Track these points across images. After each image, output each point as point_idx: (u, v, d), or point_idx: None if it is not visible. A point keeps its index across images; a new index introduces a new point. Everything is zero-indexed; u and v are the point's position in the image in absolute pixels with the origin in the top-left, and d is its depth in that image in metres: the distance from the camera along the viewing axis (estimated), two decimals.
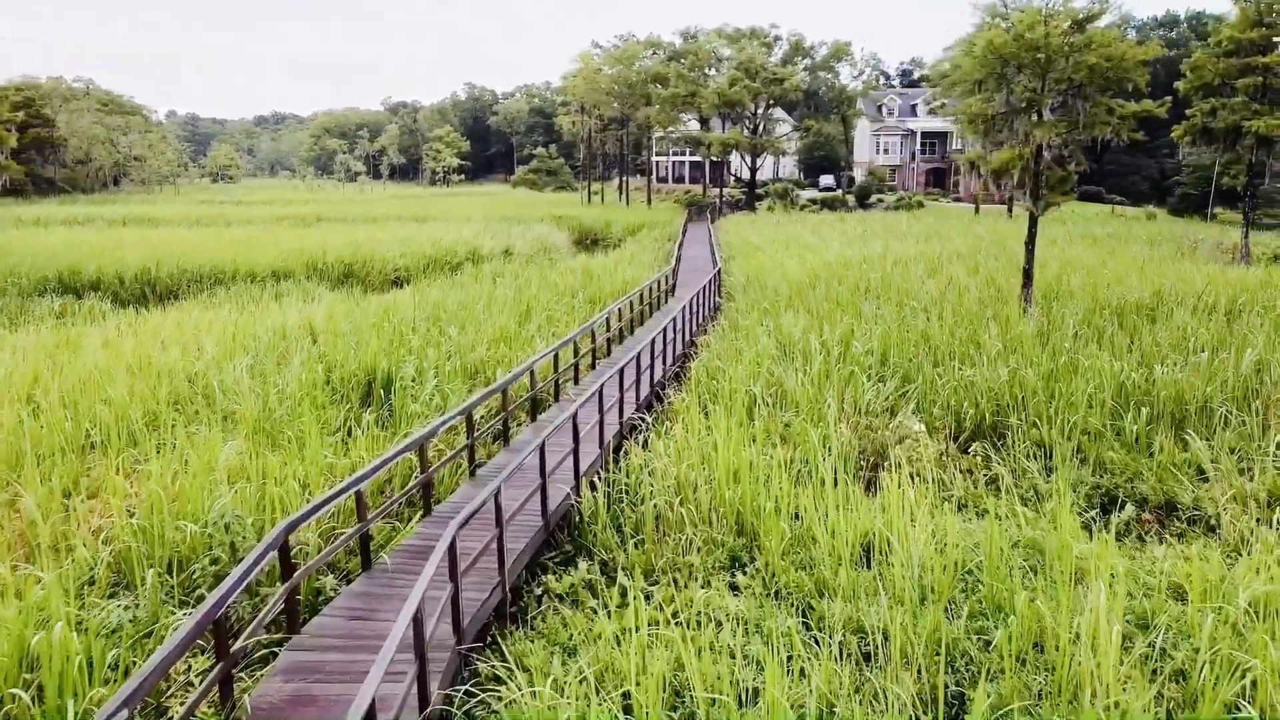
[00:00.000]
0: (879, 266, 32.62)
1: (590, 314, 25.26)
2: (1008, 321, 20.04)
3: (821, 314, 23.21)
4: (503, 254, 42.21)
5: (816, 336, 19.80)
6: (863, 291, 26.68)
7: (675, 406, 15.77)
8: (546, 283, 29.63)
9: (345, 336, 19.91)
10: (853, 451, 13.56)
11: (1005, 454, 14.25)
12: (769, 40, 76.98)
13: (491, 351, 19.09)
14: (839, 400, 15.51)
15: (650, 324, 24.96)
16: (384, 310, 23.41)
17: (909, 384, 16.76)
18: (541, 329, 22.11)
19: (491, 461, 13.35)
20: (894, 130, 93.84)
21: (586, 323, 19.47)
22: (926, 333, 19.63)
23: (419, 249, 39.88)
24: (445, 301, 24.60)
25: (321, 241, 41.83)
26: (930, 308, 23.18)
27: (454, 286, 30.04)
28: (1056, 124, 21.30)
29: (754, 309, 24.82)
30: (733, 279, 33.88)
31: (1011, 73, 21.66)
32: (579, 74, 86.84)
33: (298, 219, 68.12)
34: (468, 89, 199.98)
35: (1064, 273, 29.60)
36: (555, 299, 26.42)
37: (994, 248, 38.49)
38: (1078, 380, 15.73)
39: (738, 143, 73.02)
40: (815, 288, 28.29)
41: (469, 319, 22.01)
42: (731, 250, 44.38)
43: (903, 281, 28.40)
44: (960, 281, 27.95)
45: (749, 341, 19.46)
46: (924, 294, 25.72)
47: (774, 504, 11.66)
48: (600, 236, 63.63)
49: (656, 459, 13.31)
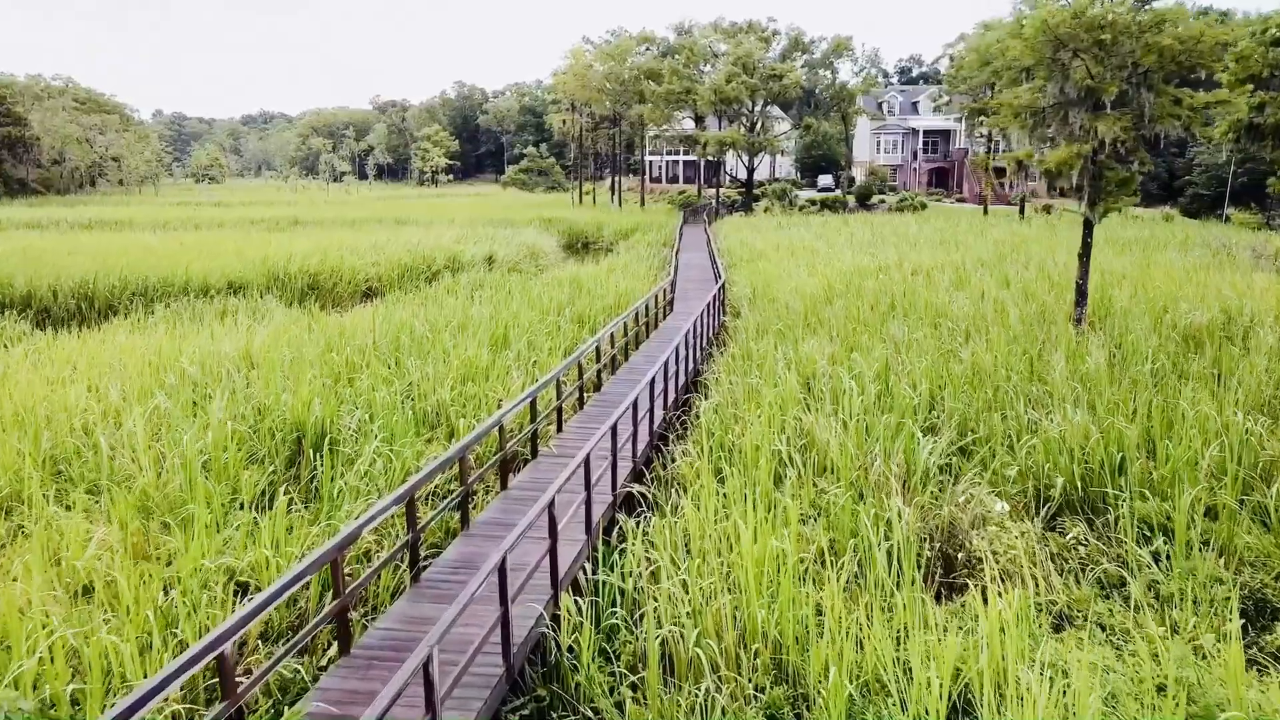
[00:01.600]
0: (898, 277, 29.52)
1: (578, 336, 22.08)
2: (1075, 353, 16.91)
3: (844, 337, 20.08)
4: (485, 262, 38.97)
5: (845, 369, 16.66)
6: (887, 308, 23.56)
7: (683, 470, 12.60)
8: (529, 297, 26.43)
9: (289, 369, 16.72)
10: (914, 537, 10.42)
11: (1106, 536, 11.13)
12: (767, 35, 73.86)
13: (458, 391, 15.89)
14: (886, 460, 12.37)
15: (648, 348, 21.80)
16: (340, 334, 20.21)
17: (968, 436, 13.63)
18: (521, 357, 18.92)
19: (439, 563, 10.14)
20: (895, 129, 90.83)
21: (572, 354, 16.28)
22: (976, 364, 16.50)
23: (394, 257, 36.63)
24: (412, 323, 21.38)
25: (289, 249, 38.51)
26: (971, 330, 20.06)
27: (427, 302, 26.82)
28: (1121, 116, 18.20)
29: (767, 331, 21.67)
30: (737, 290, 30.73)
31: (1067, 58, 18.56)
32: (570, 70, 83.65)
33: (273, 222, 64.76)
34: (457, 87, 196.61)
35: (1104, 285, 26.49)
36: (539, 318, 23.24)
37: (1017, 255, 35.41)
38: (1183, 433, 12.61)
39: (735, 141, 69.90)
40: (832, 303, 25.16)
41: (435, 347, 18.81)
42: (732, 257, 41.23)
43: (928, 295, 25.29)
44: (993, 296, 24.84)
45: (766, 377, 16.30)
46: (957, 312, 22.61)
47: (823, 629, 8.54)
48: (591, 240, 60.46)
49: (660, 550, 10.16)
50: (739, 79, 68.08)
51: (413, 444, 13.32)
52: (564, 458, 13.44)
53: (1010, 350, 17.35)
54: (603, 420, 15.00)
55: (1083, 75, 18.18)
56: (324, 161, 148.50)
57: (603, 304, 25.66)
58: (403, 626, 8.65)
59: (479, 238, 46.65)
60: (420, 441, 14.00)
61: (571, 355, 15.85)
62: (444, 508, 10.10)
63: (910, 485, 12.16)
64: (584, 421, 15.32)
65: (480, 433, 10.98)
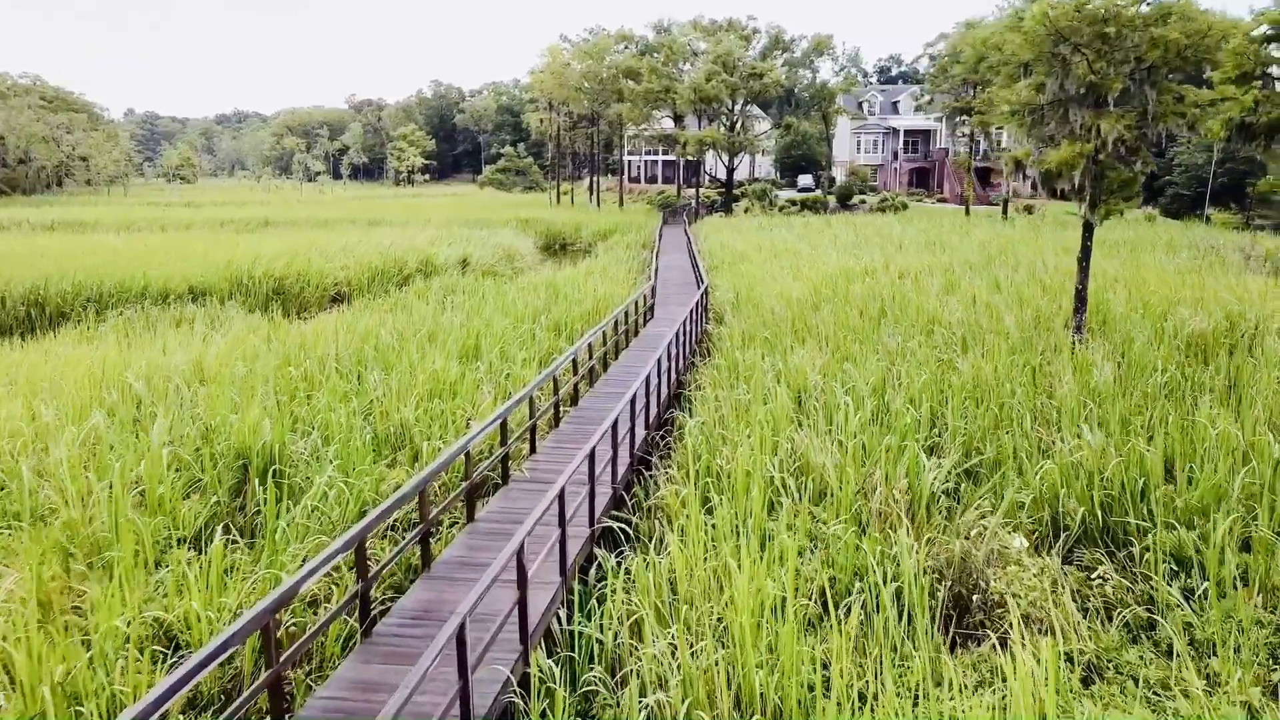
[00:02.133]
0: (886, 280, 28.60)
1: (554, 345, 20.97)
2: (1083, 365, 15.97)
3: (835, 346, 19.09)
4: (459, 264, 37.76)
5: (839, 382, 15.67)
6: (877, 314, 22.61)
7: (668, 499, 11.53)
8: (503, 303, 25.29)
9: (242, 384, 15.53)
10: (923, 574, 9.41)
11: (1131, 571, 10.18)
12: (747, 34, 72.95)
13: (424, 409, 14.75)
14: (888, 486, 11.36)
15: (627, 358, 20.73)
16: (300, 344, 19.00)
17: (974, 457, 12.66)
18: (493, 369, 17.79)
19: (397, 610, 9.01)
20: (875, 128, 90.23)
21: (547, 368, 15.18)
22: (977, 377, 15.54)
23: (365, 259, 35.35)
24: (378, 332, 20.20)
25: (255, 251, 37.14)
26: (967, 339, 19.13)
27: (395, 308, 25.63)
28: (1124, 114, 17.31)
29: (753, 339, 20.66)
30: (719, 295, 29.73)
31: (1068, 52, 17.65)
32: (547, 69, 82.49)
33: (242, 223, 63.20)
34: (434, 86, 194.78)
35: (1099, 288, 25.66)
36: (512, 326, 22.11)
37: (1005, 257, 34.62)
38: (1207, 455, 11.68)
39: (715, 141, 68.94)
40: (819, 308, 24.19)
41: (401, 359, 17.65)
42: (714, 259, 40.24)
43: (919, 300, 24.38)
44: (986, 301, 23.95)
45: (755, 392, 15.26)
46: (950, 318, 21.70)
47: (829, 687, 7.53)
48: (569, 242, 59.35)
49: (644, 596, 9.11)
50: (719, 77, 67.14)
51: (372, 469, 12.18)
52: (537, 483, 12.36)
53: (1011, 361, 16.41)
54: (579, 440, 13.93)
55: (1084, 71, 17.27)
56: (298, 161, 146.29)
57: (580, 310, 24.57)
58: (350, 695, 7.53)
59: (453, 239, 45.41)
60: (381, 465, 12.87)
61: (546, 369, 14.75)
62: (400, 550, 8.98)
63: (915, 513, 11.17)
64: (560, 441, 14.24)
65: (442, 463, 9.87)
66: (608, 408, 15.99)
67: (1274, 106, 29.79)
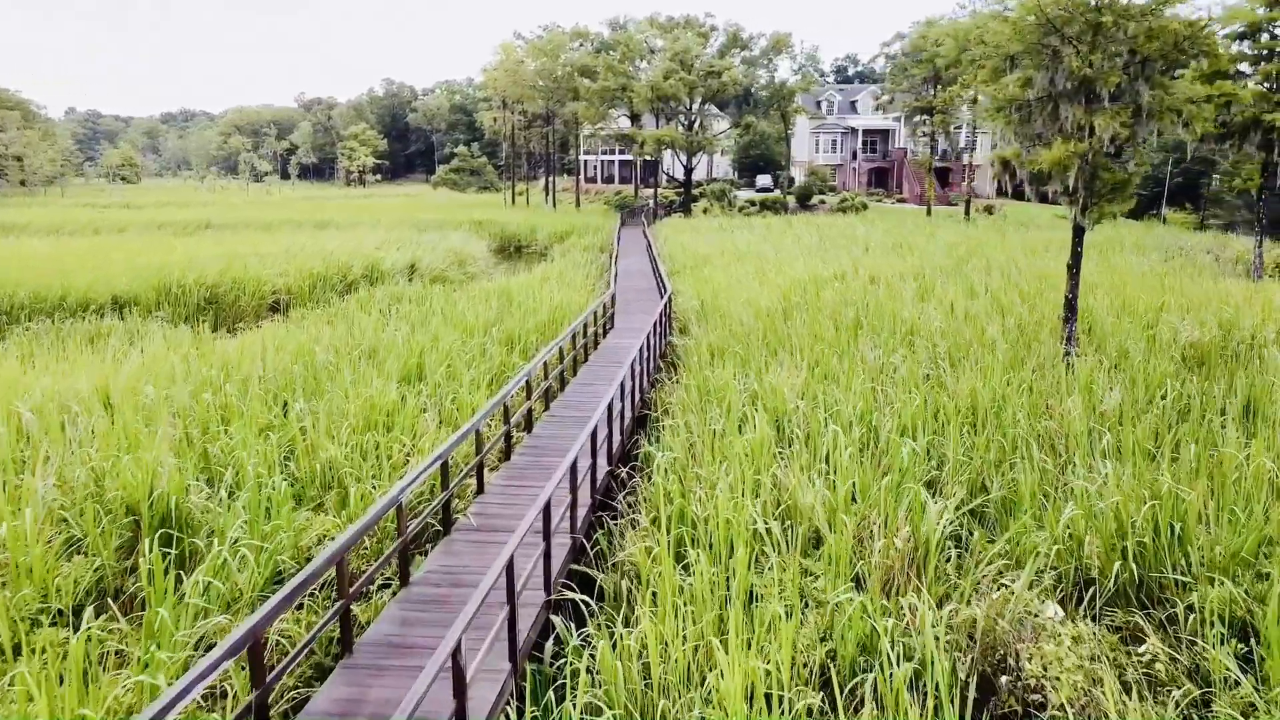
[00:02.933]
0: (856, 286, 27.32)
1: (506, 362, 19.27)
2: (1086, 383, 14.66)
3: (811, 360, 17.65)
4: (407, 270, 35.83)
5: (820, 404, 14.21)
6: (852, 323, 21.24)
7: (638, 561, 9.93)
8: (452, 314, 23.52)
9: (151, 413, 13.67)
10: (944, 653, 7.93)
11: (1175, 636, 8.82)
12: (705, 31, 71.58)
13: (357, 442, 13.00)
14: (888, 534, 9.91)
15: (587, 374, 19.10)
16: (223, 364, 17.11)
17: (979, 497, 11.26)
18: (438, 391, 16.07)
19: (309, 712, 7.32)
20: (834, 128, 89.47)
21: (497, 394, 13.50)
22: (974, 399, 14.17)
23: (307, 265, 33.28)
24: (312, 349, 18.36)
25: (189, 256, 34.92)
26: (953, 352, 17.80)
27: (335, 320, 23.76)
28: (1119, 111, 16.07)
29: (722, 353, 19.16)
30: (683, 301, 28.23)
31: (1058, 43, 16.38)
32: (500, 66, 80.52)
33: (181, 226, 60.45)
34: (385, 85, 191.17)
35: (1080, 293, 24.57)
36: (461, 340, 20.38)
37: (975, 260, 33.54)
38: (1245, 492, 10.38)
39: (673, 140, 67.48)
40: (790, 317, 22.79)
41: (336, 381, 15.86)
42: (675, 262, 38.75)
43: (893, 307, 23.09)
44: (964, 308, 22.72)
45: (728, 417, 13.74)
46: (929, 327, 20.40)
47: None
48: (524, 244, 57.55)
49: (612, 685, 7.54)
50: (677, 75, 65.69)
51: (290, 520, 10.44)
52: (486, 531, 10.72)
53: (1006, 380, 15.07)
54: (533, 476, 12.34)
55: (1077, 64, 16.00)
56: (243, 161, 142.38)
57: (535, 321, 22.89)
58: None
59: (402, 243, 43.40)
60: (305, 512, 11.13)
61: (496, 395, 13.08)
62: (311, 638, 7.29)
63: (920, 565, 9.72)
64: (511, 478, 12.59)
65: (362, 528, 8.19)
66: (565, 435, 14.39)
67: (1247, 106, 28.99)
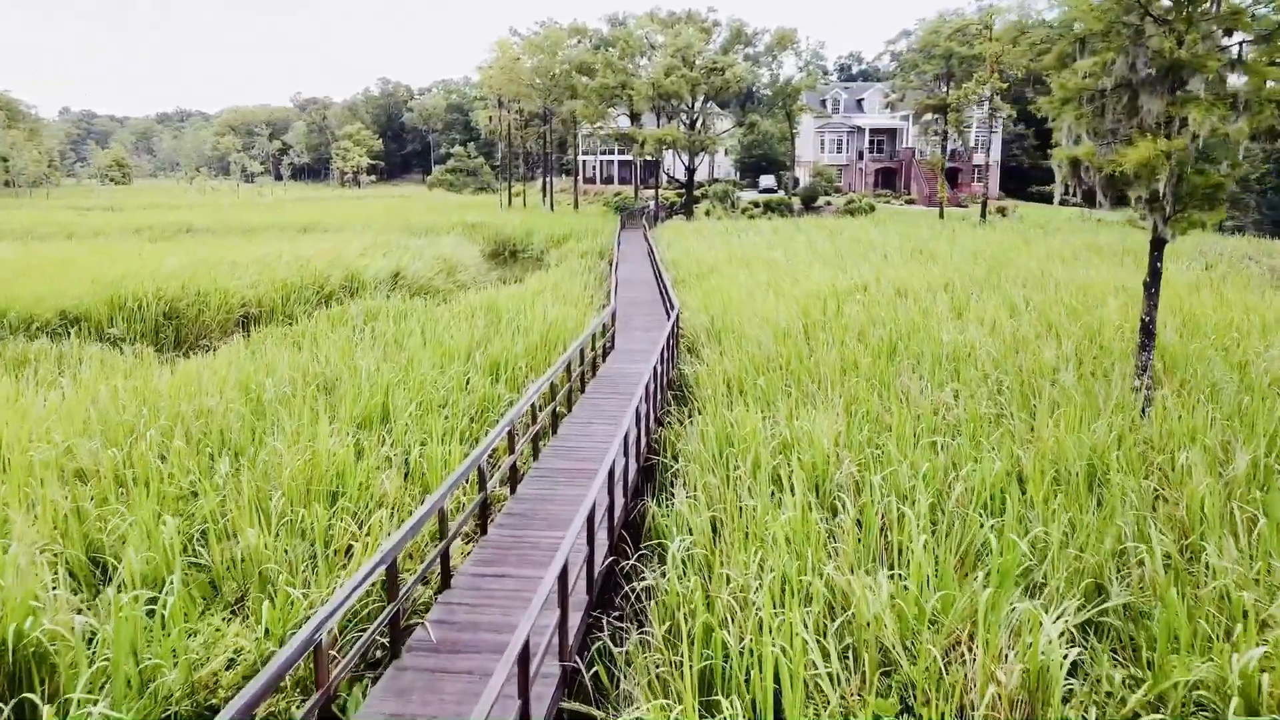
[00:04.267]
0: (881, 299, 24.73)
1: (489, 395, 16.59)
2: (1193, 434, 12.01)
3: (848, 397, 15.04)
4: (391, 279, 33.20)
5: (870, 458, 11.60)
6: (885, 348, 18.63)
7: (642, 691, 7.31)
8: (433, 333, 20.90)
9: (37, 475, 11.06)
10: None
11: None
12: (707, 26, 68.92)
13: (292, 518, 10.36)
14: (987, 662, 7.31)
15: (583, 410, 16.47)
16: (147, 403, 14.46)
17: (1097, 602, 8.65)
18: (403, 441, 13.42)
19: None
20: (840, 127, 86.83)
21: (476, 450, 10.86)
22: (1059, 454, 11.54)
23: (281, 275, 30.65)
24: (262, 383, 15.73)
25: (157, 264, 32.28)
26: (1018, 388, 15.19)
27: (304, 340, 21.15)
28: (1215, 103, 13.49)
29: (740, 383, 16.55)
30: (690, 316, 25.63)
31: (1141, 22, 13.78)
32: (495, 64, 77.88)
33: (161, 229, 57.84)
34: (381, 84, 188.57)
35: (1135, 312, 22.00)
36: (439, 365, 17.77)
37: (1006, 269, 30.89)
38: None
39: (674, 140, 64.83)
40: (813, 337, 20.21)
41: (283, 423, 13.22)
42: (679, 270, 36.15)
43: (927, 325, 20.51)
44: (1009, 329, 20.12)
45: (756, 481, 11.12)
46: (975, 351, 17.82)
47: None
48: (520, 249, 54.93)
49: None
50: (678, 72, 63.05)
51: (183, 645, 7.82)
52: (445, 654, 8.11)
53: (1091, 427, 12.44)
54: (514, 563, 9.72)
55: (1169, 46, 13.40)
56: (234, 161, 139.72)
57: (526, 343, 20.25)
58: None
59: (389, 248, 40.78)
60: (215, 622, 8.51)
61: (473, 454, 10.43)
62: None
63: (1038, 711, 7.12)
64: (486, 564, 9.96)
65: (275, 675, 5.59)
66: (556, 500, 11.77)
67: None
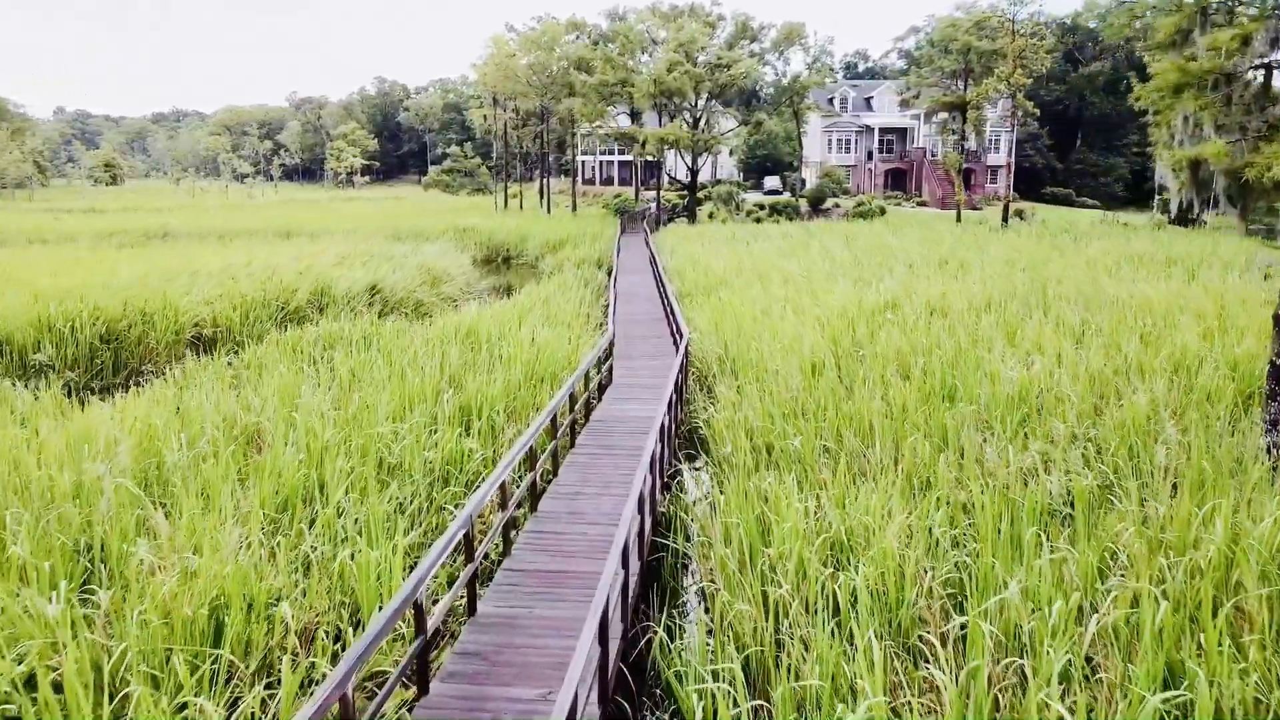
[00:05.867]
0: (916, 320, 21.63)
1: (455, 452, 13.40)
2: None
3: (908, 466, 11.91)
4: (368, 292, 30.05)
5: (963, 586, 8.48)
6: (939, 388, 15.50)
7: None
8: (397, 367, 17.73)
9: None
10: None
11: None
12: (711, 20, 65.76)
13: (154, 681, 7.21)
14: None
15: (571, 471, 13.30)
16: (17, 466, 11.32)
17: None
18: (329, 529, 10.25)
19: None
20: (848, 126, 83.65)
21: (437, 546, 7.65)
22: (1218, 565, 8.40)
23: (244, 289, 27.45)
24: (173, 433, 12.57)
25: (112, 275, 29.14)
26: (1108, 448, 12.06)
27: (249, 372, 18.01)
28: None
29: (767, 437, 13.42)
30: (699, 339, 22.52)
31: None
32: (490, 60, 74.75)
33: (137, 234, 54.77)
34: (377, 83, 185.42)
35: (1221, 337, 18.86)
36: (399, 410, 14.63)
37: (1047, 281, 27.69)
38: None
39: (677, 139, 61.66)
40: (847, 371, 17.09)
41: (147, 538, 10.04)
42: (684, 281, 33.00)
43: (977, 356, 17.39)
44: (1079, 363, 16.99)
45: (807, 622, 7.99)
46: (1049, 394, 14.70)
47: None
48: (513, 255, 51.83)
49: None
50: (681, 68, 59.88)
51: None
52: None
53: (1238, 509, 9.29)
54: None
55: None
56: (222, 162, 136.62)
57: (507, 379, 17.08)
58: None
59: (370, 256, 37.64)
60: None
61: (412, 577, 7.28)
62: None
63: None
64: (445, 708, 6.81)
65: None
66: (527, 623, 8.62)
67: None
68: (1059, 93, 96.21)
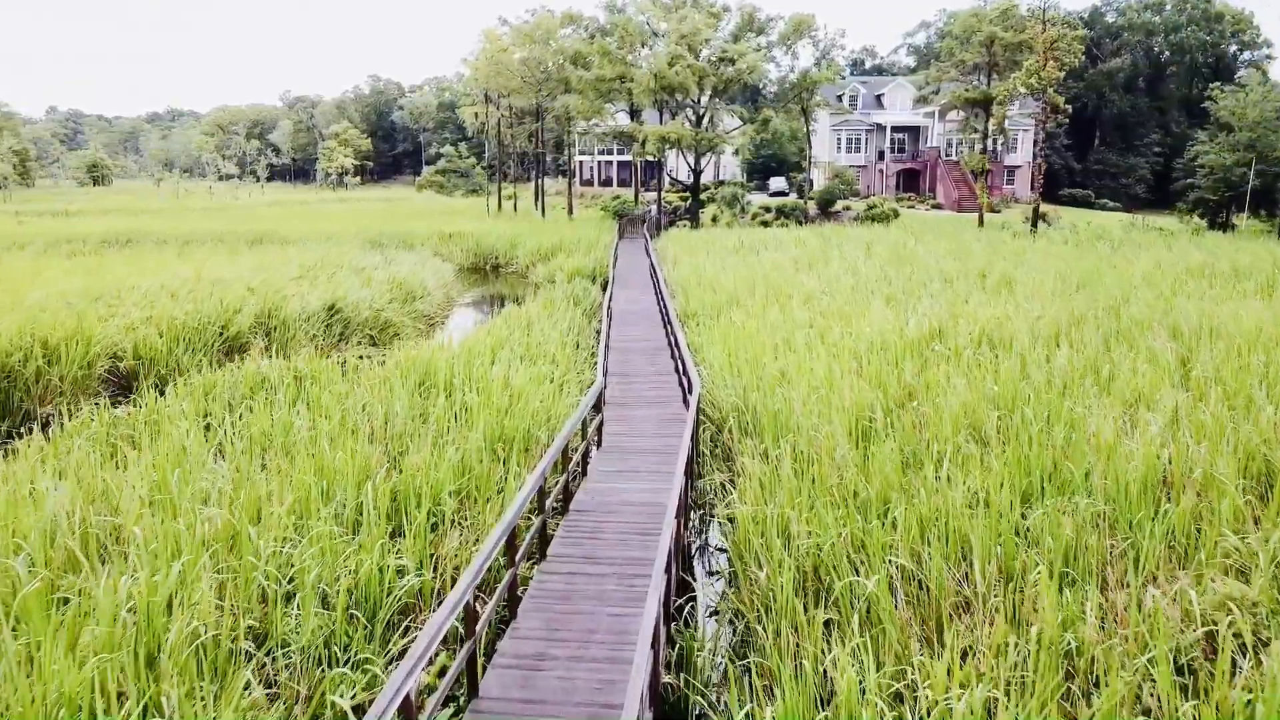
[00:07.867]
0: (968, 353, 17.81)
1: (370, 584, 9.58)
2: None
3: (1026, 609, 8.11)
4: (326, 313, 26.15)
5: None
6: (1040, 467, 11.65)
7: None
8: (329, 425, 13.85)
9: None
10: None
11: None
12: (715, 10, 61.86)
13: None
14: None
15: (535, 605, 9.44)
16: None
17: None
18: None
19: None
20: (858, 125, 79.77)
21: None
22: None
23: (175, 310, 23.52)
24: None
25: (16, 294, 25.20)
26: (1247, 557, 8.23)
27: (131, 435, 14.18)
28: None
29: (819, 568, 9.60)
30: (710, 377, 18.70)
31: None
32: (482, 54, 70.86)
33: (94, 239, 50.81)
34: (371, 82, 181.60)
35: None
36: (307, 506, 10.77)
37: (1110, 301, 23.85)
38: None
39: (679, 138, 57.79)
40: (898, 430, 13.26)
41: None
42: (690, 299, 29.10)
43: (1060, 406, 13.58)
44: (1199, 419, 13.15)
45: None
46: (1194, 475, 10.89)
47: None
48: (502, 263, 48.00)
49: None
50: (683, 62, 56.01)
51: None
52: None
53: None
54: None
55: None
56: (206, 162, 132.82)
57: (465, 448, 13.19)
58: None
59: (339, 268, 33.79)
60: None
61: None
62: None
63: None
64: None
65: None
66: None
67: None
68: (1077, 90, 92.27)
